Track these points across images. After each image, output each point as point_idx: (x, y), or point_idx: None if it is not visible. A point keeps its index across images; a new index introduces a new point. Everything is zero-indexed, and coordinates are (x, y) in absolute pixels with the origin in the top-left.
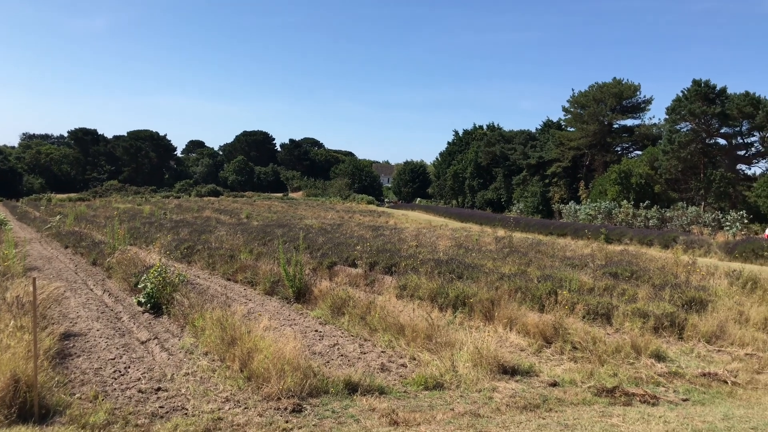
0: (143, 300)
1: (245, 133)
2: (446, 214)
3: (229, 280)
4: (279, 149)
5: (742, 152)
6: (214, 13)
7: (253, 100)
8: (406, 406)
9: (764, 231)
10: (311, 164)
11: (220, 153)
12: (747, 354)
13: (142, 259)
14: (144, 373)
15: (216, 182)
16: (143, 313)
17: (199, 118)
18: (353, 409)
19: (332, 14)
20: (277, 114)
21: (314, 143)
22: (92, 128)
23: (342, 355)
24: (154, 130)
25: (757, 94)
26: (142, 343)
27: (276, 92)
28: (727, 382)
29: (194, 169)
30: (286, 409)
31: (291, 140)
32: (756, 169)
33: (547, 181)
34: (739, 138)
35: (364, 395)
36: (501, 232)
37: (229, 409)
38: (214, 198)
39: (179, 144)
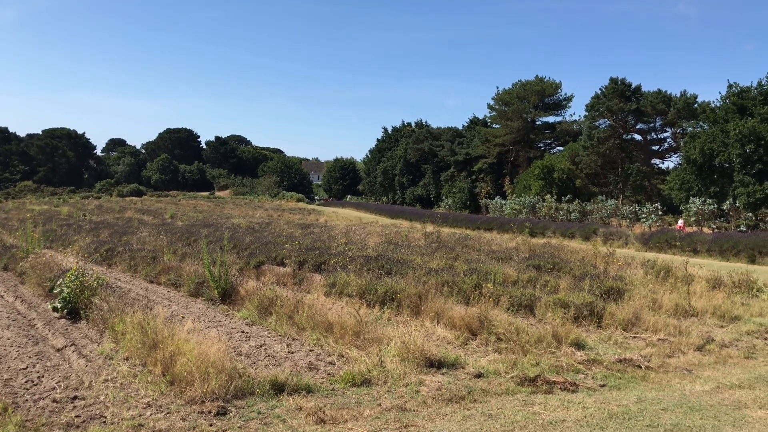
0: (59, 305)
1: (169, 131)
2: (377, 210)
3: (152, 282)
4: (204, 147)
5: (656, 147)
6: (134, 5)
7: (177, 97)
8: (333, 403)
9: (677, 222)
10: (238, 162)
11: (143, 151)
12: (659, 339)
13: (59, 263)
14: (59, 381)
15: (139, 182)
16: (59, 319)
17: (120, 115)
18: (280, 409)
19: (257, 9)
20: (202, 111)
21: (241, 140)
22: (3, 126)
23: (269, 356)
24: (71, 128)
25: (668, 92)
26: (58, 350)
27: (201, 88)
28: (641, 367)
29: (115, 169)
30: (210, 412)
31: (217, 138)
32: (669, 163)
33: (474, 177)
34: (653, 134)
35: (291, 395)
36: (430, 228)
37: (151, 414)
38: (137, 198)
39: (99, 142)
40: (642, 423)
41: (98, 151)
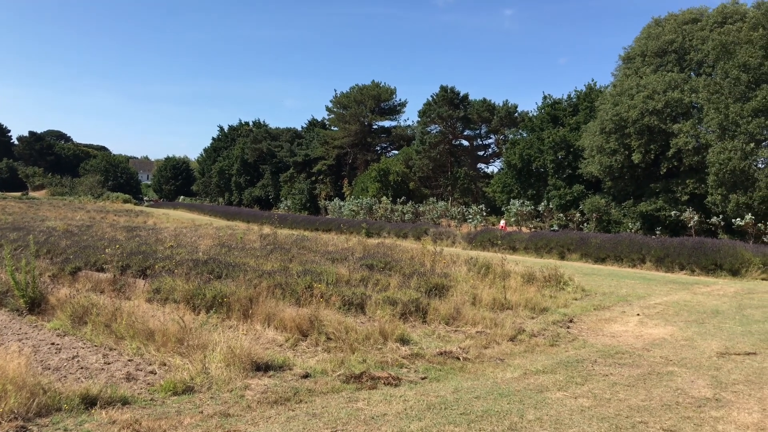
0: None
1: None
2: (212, 212)
3: None
4: (16, 142)
5: (482, 152)
6: None
7: None
8: (151, 414)
9: (499, 222)
10: (57, 160)
11: None
12: (478, 332)
13: None
14: None
15: None
16: None
17: None
18: (90, 424)
19: None
20: (14, 102)
21: (61, 136)
22: None
23: (82, 368)
24: None
25: (492, 101)
26: None
27: (11, 76)
28: (459, 359)
29: None
30: None
31: (32, 133)
32: (493, 168)
33: (313, 178)
34: (479, 140)
35: (104, 408)
36: (267, 230)
37: None
38: None
39: None
40: (457, 411)
41: None
